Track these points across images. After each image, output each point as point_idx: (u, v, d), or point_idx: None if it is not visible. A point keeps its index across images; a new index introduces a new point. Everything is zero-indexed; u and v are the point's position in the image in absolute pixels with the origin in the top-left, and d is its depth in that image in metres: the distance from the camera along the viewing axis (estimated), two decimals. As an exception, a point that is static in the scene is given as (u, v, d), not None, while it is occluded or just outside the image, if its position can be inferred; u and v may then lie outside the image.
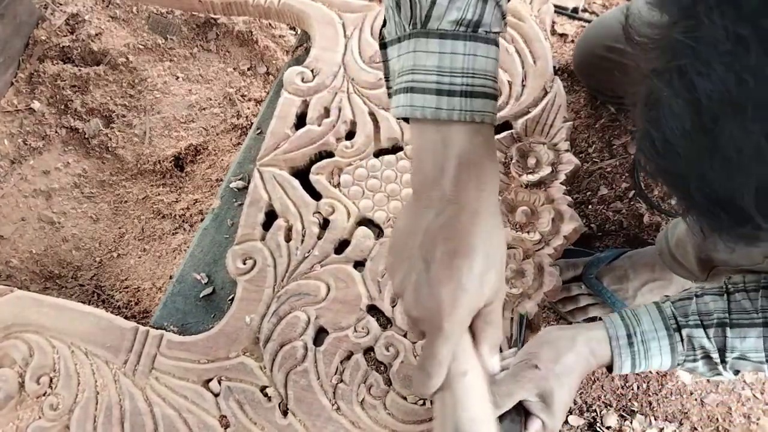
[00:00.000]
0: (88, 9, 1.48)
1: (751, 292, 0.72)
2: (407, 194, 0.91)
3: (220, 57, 1.45)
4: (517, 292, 0.84)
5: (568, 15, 1.48)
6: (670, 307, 0.75)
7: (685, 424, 1.08)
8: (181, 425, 0.78)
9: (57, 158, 1.35)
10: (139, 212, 1.30)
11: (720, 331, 0.71)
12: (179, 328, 0.87)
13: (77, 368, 0.81)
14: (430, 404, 0.79)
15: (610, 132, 1.29)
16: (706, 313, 0.73)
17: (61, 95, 1.38)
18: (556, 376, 0.71)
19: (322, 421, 0.78)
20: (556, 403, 0.71)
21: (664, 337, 0.73)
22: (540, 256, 0.87)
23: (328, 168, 0.93)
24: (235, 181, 0.98)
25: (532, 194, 0.90)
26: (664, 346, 0.74)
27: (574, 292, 1.11)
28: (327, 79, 0.99)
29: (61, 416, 0.79)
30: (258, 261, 0.87)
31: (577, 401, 1.08)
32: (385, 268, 0.81)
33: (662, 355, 0.74)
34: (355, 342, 0.82)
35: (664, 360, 0.74)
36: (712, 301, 0.73)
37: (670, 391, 1.10)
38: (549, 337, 0.76)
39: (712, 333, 0.72)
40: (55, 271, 1.25)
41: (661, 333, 0.74)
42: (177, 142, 1.35)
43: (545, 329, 0.79)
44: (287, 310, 0.84)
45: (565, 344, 0.74)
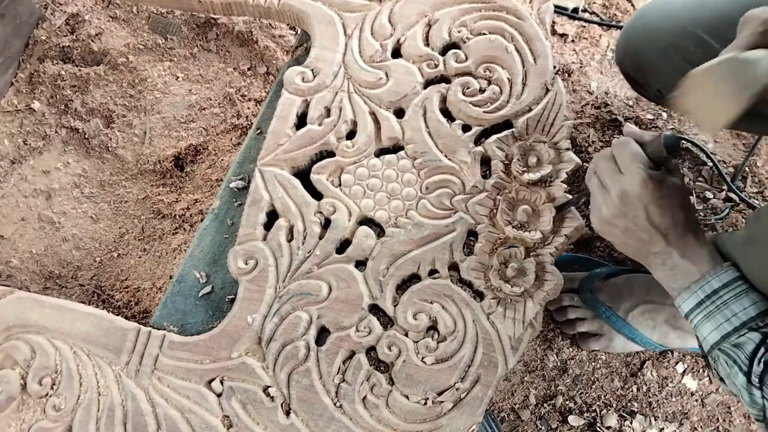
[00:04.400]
0: (88, 9, 1.47)
1: None
2: (408, 193, 0.91)
3: (220, 57, 1.45)
4: (518, 290, 0.84)
5: (568, 15, 1.48)
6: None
7: (685, 425, 1.08)
8: (184, 425, 0.78)
9: (57, 158, 1.34)
10: (139, 212, 1.30)
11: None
12: (179, 328, 0.87)
13: (79, 369, 0.81)
14: (431, 403, 0.79)
15: (610, 132, 1.29)
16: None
17: (61, 95, 1.38)
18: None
19: (324, 421, 0.78)
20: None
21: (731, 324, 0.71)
22: (541, 254, 0.87)
23: (329, 168, 0.93)
24: (235, 181, 0.98)
25: (533, 193, 0.90)
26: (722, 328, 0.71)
27: (565, 303, 1.10)
28: (327, 78, 0.99)
29: (64, 417, 0.79)
30: (259, 261, 0.87)
31: (577, 401, 1.09)
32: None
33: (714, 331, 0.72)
34: (357, 341, 0.83)
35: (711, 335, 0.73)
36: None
37: (670, 391, 1.10)
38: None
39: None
40: (55, 271, 1.25)
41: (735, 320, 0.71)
42: (177, 142, 1.35)
43: None
44: (289, 309, 0.84)
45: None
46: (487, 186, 0.91)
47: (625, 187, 0.76)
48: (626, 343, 1.07)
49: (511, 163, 0.92)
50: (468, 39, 1.01)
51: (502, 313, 0.84)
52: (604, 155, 0.80)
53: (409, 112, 0.96)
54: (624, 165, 0.77)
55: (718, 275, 0.73)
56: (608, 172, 0.78)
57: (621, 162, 0.77)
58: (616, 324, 1.06)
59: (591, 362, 1.11)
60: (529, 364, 1.11)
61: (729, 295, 0.72)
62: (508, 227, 0.87)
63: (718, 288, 0.72)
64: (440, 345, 0.82)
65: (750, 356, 0.69)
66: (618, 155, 0.78)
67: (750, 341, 0.69)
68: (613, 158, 0.79)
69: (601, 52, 1.42)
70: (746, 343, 0.69)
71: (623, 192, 0.76)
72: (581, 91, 1.34)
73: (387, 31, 1.03)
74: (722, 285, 0.72)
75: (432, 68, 0.99)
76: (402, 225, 0.89)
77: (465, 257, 0.87)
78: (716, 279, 0.73)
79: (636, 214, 0.76)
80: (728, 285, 0.72)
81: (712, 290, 0.73)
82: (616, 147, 0.79)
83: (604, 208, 0.79)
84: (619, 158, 0.78)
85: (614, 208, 0.77)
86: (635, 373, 1.11)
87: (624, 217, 0.77)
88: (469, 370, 0.81)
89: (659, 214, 0.75)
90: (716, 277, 0.73)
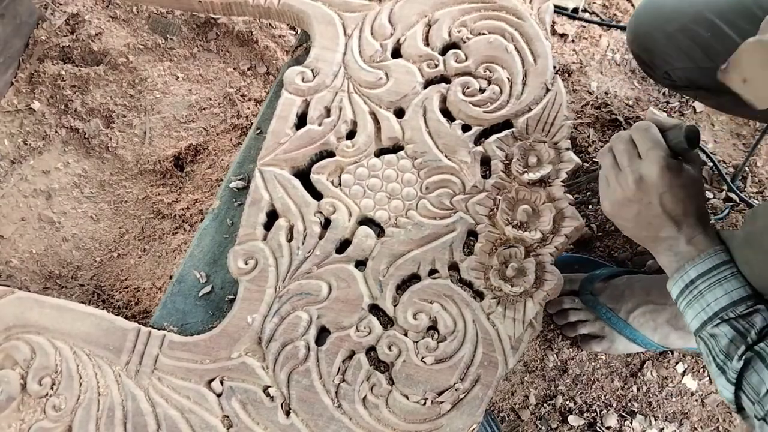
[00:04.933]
0: (88, 9, 1.48)
1: None
2: (408, 193, 0.91)
3: (220, 57, 1.45)
4: (518, 290, 0.84)
5: (568, 15, 1.48)
6: (747, 309, 0.71)
7: (685, 425, 1.08)
8: (184, 426, 0.78)
9: (57, 158, 1.34)
10: (139, 212, 1.30)
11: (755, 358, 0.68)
12: (179, 328, 0.87)
13: (79, 369, 0.81)
14: (431, 403, 0.79)
15: (610, 132, 1.29)
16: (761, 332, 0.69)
17: (61, 95, 1.38)
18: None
19: (324, 421, 0.78)
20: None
21: (707, 314, 0.72)
22: (541, 254, 0.87)
23: (329, 167, 0.93)
24: (235, 181, 0.98)
25: (533, 193, 0.90)
26: (699, 317, 0.73)
27: (566, 306, 1.10)
28: (327, 78, 0.99)
29: (64, 417, 0.79)
30: (259, 261, 0.87)
31: (577, 401, 1.09)
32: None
33: (693, 320, 0.74)
34: (357, 341, 0.83)
35: (692, 323, 0.74)
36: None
37: (670, 391, 1.10)
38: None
39: (743, 350, 0.68)
40: (55, 271, 1.25)
41: (708, 310, 0.72)
42: (177, 142, 1.35)
43: None
44: (289, 309, 0.84)
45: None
46: (487, 186, 0.91)
47: (643, 172, 0.76)
48: (628, 344, 1.07)
49: (511, 162, 0.92)
50: (468, 39, 1.01)
51: (502, 313, 0.84)
52: (623, 137, 0.80)
53: (409, 112, 0.96)
54: (644, 150, 0.77)
55: (696, 265, 0.74)
56: (627, 155, 0.79)
57: (641, 147, 0.78)
58: (617, 326, 1.05)
59: (591, 362, 1.11)
60: (529, 364, 1.11)
61: (704, 285, 0.73)
62: (508, 227, 0.87)
63: (695, 277, 0.74)
64: (440, 345, 0.82)
65: (724, 350, 0.70)
66: (639, 140, 0.78)
67: (722, 335, 0.70)
68: (632, 141, 0.79)
69: (601, 52, 1.42)
70: (719, 335, 0.71)
71: (641, 177, 0.76)
72: (581, 91, 1.34)
73: (387, 31, 1.03)
74: (699, 275, 0.74)
75: (432, 68, 0.99)
76: (402, 225, 0.89)
77: (465, 257, 0.87)
78: (694, 269, 0.74)
79: (650, 200, 0.76)
80: (705, 274, 0.73)
81: (690, 280, 0.74)
82: (637, 131, 0.79)
83: (618, 190, 0.79)
84: (640, 143, 0.78)
85: (630, 192, 0.78)
86: (635, 373, 1.11)
87: (638, 202, 0.77)
88: (469, 370, 0.81)
89: (674, 202, 0.76)
90: (694, 266, 0.74)
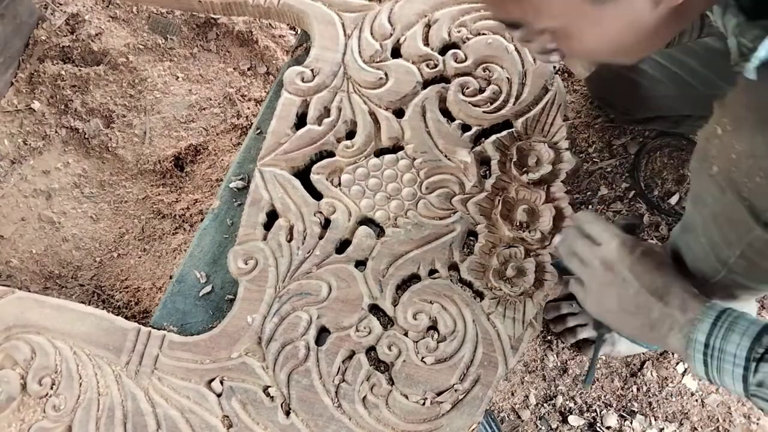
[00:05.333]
0: (88, 9, 1.48)
1: None
2: (408, 193, 0.91)
3: (220, 57, 1.45)
4: (518, 290, 0.84)
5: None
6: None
7: (685, 425, 1.08)
8: (184, 426, 0.78)
9: (57, 158, 1.34)
10: (139, 212, 1.30)
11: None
12: (179, 328, 0.87)
13: (79, 369, 0.81)
14: (431, 404, 0.79)
15: (610, 132, 1.29)
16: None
17: (61, 95, 1.38)
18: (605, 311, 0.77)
19: (324, 421, 0.78)
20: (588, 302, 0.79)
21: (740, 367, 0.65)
22: (541, 254, 0.87)
23: (328, 167, 0.93)
24: (235, 181, 0.98)
25: (533, 193, 0.90)
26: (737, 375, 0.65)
27: (564, 311, 1.09)
28: (327, 78, 0.99)
29: (64, 417, 0.79)
30: (259, 261, 0.87)
31: (577, 401, 1.09)
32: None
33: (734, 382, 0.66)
34: (357, 341, 0.83)
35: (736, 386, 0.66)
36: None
37: (670, 391, 1.10)
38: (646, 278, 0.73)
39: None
40: (55, 271, 1.25)
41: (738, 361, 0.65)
42: (177, 142, 1.35)
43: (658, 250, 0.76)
44: (289, 309, 0.84)
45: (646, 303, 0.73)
46: (486, 186, 0.91)
47: (604, 254, 0.75)
48: (631, 346, 1.07)
49: (510, 163, 0.92)
50: (468, 39, 1.01)
51: (502, 313, 0.84)
52: (575, 234, 0.80)
53: (408, 112, 0.96)
54: (597, 235, 0.77)
55: (698, 327, 0.68)
56: (586, 248, 0.78)
57: (594, 234, 0.78)
58: None
59: (591, 362, 1.11)
60: (529, 364, 1.11)
61: (718, 341, 0.67)
62: (508, 227, 0.87)
63: (705, 340, 0.68)
64: (440, 345, 0.82)
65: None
66: (590, 230, 0.78)
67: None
68: (585, 235, 0.79)
69: (601, 52, 1.42)
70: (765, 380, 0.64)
71: (604, 259, 0.75)
72: (581, 91, 1.34)
73: (387, 31, 1.03)
74: (707, 334, 0.68)
75: (432, 68, 0.99)
76: (402, 225, 0.89)
77: (465, 257, 0.87)
78: (700, 333, 0.68)
79: (623, 277, 0.74)
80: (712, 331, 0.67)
81: (704, 345, 0.68)
82: (585, 224, 0.79)
83: (593, 284, 0.77)
84: (592, 231, 0.78)
85: (601, 277, 0.76)
86: (635, 373, 1.11)
87: (613, 284, 0.75)
88: (469, 370, 0.81)
89: (645, 272, 0.73)
90: (699, 330, 0.68)
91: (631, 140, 1.27)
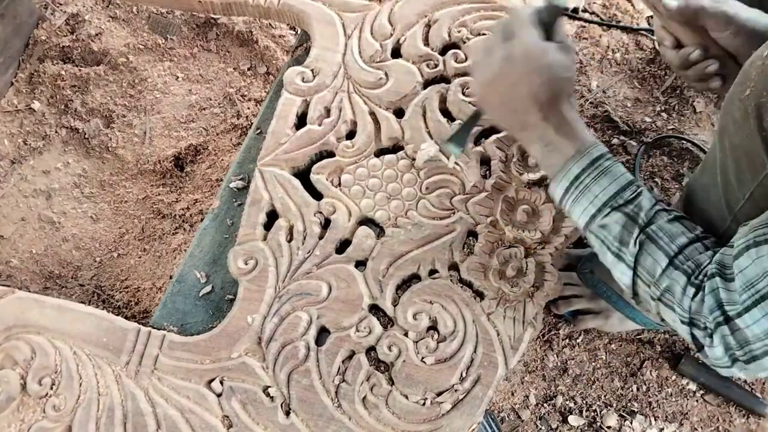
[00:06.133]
0: (88, 9, 1.48)
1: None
2: (408, 193, 0.91)
3: (220, 57, 1.45)
4: (518, 290, 0.84)
5: (568, 15, 1.48)
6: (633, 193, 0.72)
7: (685, 425, 1.08)
8: (184, 426, 0.78)
9: (57, 158, 1.34)
10: (139, 212, 1.30)
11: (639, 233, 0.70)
12: (179, 328, 0.87)
13: (79, 369, 0.81)
14: (431, 404, 0.79)
15: (609, 132, 1.29)
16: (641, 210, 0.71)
17: (61, 95, 1.38)
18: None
19: (324, 421, 0.78)
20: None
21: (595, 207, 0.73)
22: (541, 254, 0.87)
23: (329, 168, 0.93)
24: (235, 181, 0.98)
25: (533, 193, 0.90)
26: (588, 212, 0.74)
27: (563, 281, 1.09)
28: (327, 78, 0.99)
29: (64, 417, 0.79)
30: (259, 261, 0.87)
31: (578, 401, 1.09)
32: None
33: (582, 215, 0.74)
34: (357, 341, 0.83)
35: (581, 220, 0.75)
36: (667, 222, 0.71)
37: (670, 391, 1.10)
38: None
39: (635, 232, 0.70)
40: (55, 271, 1.25)
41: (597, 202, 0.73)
42: (177, 142, 1.35)
43: None
44: (289, 310, 0.84)
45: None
46: (486, 186, 0.91)
47: (510, 51, 0.75)
48: (624, 321, 1.06)
49: (510, 163, 0.92)
50: (468, 39, 1.01)
51: (502, 313, 0.84)
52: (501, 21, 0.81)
53: (408, 112, 0.96)
54: (515, 30, 0.76)
55: (578, 161, 0.74)
56: (501, 35, 0.77)
57: (514, 27, 0.77)
58: (616, 303, 1.05)
59: (591, 362, 1.11)
60: (529, 364, 1.11)
61: (589, 178, 0.73)
62: (508, 227, 0.87)
63: (579, 173, 0.73)
64: (440, 345, 0.82)
65: (618, 238, 0.71)
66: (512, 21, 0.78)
67: (614, 223, 0.71)
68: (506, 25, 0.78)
69: (602, 52, 1.42)
70: (610, 225, 0.71)
71: (508, 56, 0.75)
72: (581, 91, 1.34)
73: (387, 31, 1.03)
74: (582, 170, 0.73)
75: (432, 68, 0.99)
76: (402, 225, 0.89)
77: (465, 257, 0.87)
78: (576, 165, 0.73)
79: (516, 79, 0.75)
80: (588, 168, 0.73)
81: (574, 176, 0.74)
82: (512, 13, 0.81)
83: (486, 70, 0.78)
84: (513, 24, 0.77)
85: (496, 70, 0.76)
86: (635, 373, 1.11)
87: (504, 82, 0.76)
88: (469, 370, 0.81)
89: (539, 83, 0.74)
90: (576, 163, 0.74)
91: (631, 140, 1.27)
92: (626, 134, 1.29)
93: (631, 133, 1.29)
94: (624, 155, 1.26)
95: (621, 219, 0.71)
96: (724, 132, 0.71)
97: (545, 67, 0.74)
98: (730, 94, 0.69)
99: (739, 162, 0.70)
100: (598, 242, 0.74)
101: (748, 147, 0.67)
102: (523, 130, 0.78)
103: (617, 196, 0.72)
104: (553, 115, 0.75)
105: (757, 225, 0.63)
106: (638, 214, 0.71)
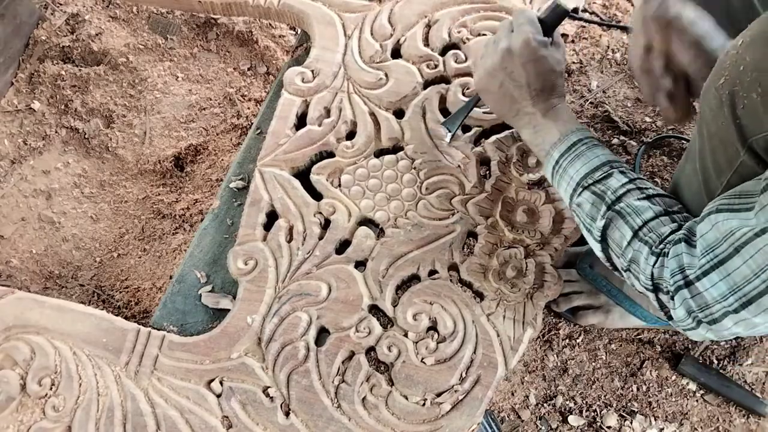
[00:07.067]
0: (88, 9, 1.47)
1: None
2: (408, 194, 0.91)
3: (220, 57, 1.45)
4: (518, 291, 0.84)
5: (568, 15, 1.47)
6: (603, 174, 0.77)
7: (685, 425, 1.08)
8: (184, 426, 0.78)
9: (57, 158, 1.34)
10: (139, 212, 1.30)
11: (607, 211, 0.75)
12: (179, 328, 0.87)
13: (79, 369, 0.81)
14: (431, 404, 0.79)
15: (609, 132, 1.29)
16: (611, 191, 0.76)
17: (61, 95, 1.38)
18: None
19: (324, 421, 0.78)
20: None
21: (570, 187, 0.79)
22: (541, 255, 0.87)
23: (328, 168, 0.93)
24: (235, 181, 0.98)
25: (533, 193, 0.90)
26: (567, 192, 0.80)
27: (562, 277, 1.09)
28: (327, 79, 0.99)
29: (63, 417, 0.79)
30: (259, 261, 0.87)
31: (578, 401, 1.09)
32: None
33: (565, 195, 0.81)
34: (357, 342, 0.83)
35: (564, 199, 0.82)
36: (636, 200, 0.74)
37: (670, 391, 1.10)
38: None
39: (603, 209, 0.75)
40: (55, 271, 1.25)
41: (572, 183, 0.79)
42: (177, 142, 1.35)
43: None
44: (289, 310, 0.84)
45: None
46: (486, 187, 0.91)
47: (511, 43, 0.83)
48: (624, 316, 1.06)
49: (510, 164, 0.92)
50: (468, 39, 1.01)
51: (502, 314, 0.84)
52: (506, 20, 0.89)
53: (408, 113, 0.96)
54: (516, 26, 0.85)
55: (558, 146, 0.80)
56: (504, 31, 0.86)
57: (515, 24, 0.85)
58: (616, 297, 1.05)
59: (591, 362, 1.11)
60: (529, 364, 1.11)
61: (566, 161, 0.79)
62: (508, 228, 0.87)
63: (558, 157, 0.80)
64: (440, 345, 0.82)
65: (589, 215, 0.76)
66: (514, 19, 0.86)
67: (585, 201, 0.77)
68: (512, 21, 0.87)
69: (602, 52, 1.42)
70: (583, 203, 0.77)
71: (508, 48, 0.83)
72: (581, 91, 1.34)
73: (387, 31, 1.03)
74: (561, 154, 0.80)
75: (432, 69, 0.99)
76: (402, 225, 0.89)
77: (465, 258, 0.87)
78: (557, 150, 0.80)
79: (513, 69, 0.83)
80: (565, 153, 0.80)
81: (555, 161, 0.81)
82: (516, 12, 0.88)
83: (488, 60, 0.85)
84: (514, 21, 0.86)
85: (497, 60, 0.84)
86: (635, 372, 1.11)
87: (503, 70, 0.83)
88: (468, 370, 0.81)
89: (534, 74, 0.82)
90: (557, 148, 0.80)
91: (631, 140, 1.27)
92: (626, 134, 1.29)
93: (631, 133, 1.29)
94: (624, 155, 1.26)
95: (590, 197, 0.76)
96: (702, 120, 0.73)
97: (540, 60, 0.82)
98: (708, 83, 0.71)
99: (716, 150, 0.72)
100: (578, 219, 0.80)
101: (723, 135, 0.69)
102: (516, 117, 0.85)
103: (587, 177, 0.77)
104: (542, 103, 0.83)
105: (723, 195, 0.66)
106: (605, 193, 0.75)
